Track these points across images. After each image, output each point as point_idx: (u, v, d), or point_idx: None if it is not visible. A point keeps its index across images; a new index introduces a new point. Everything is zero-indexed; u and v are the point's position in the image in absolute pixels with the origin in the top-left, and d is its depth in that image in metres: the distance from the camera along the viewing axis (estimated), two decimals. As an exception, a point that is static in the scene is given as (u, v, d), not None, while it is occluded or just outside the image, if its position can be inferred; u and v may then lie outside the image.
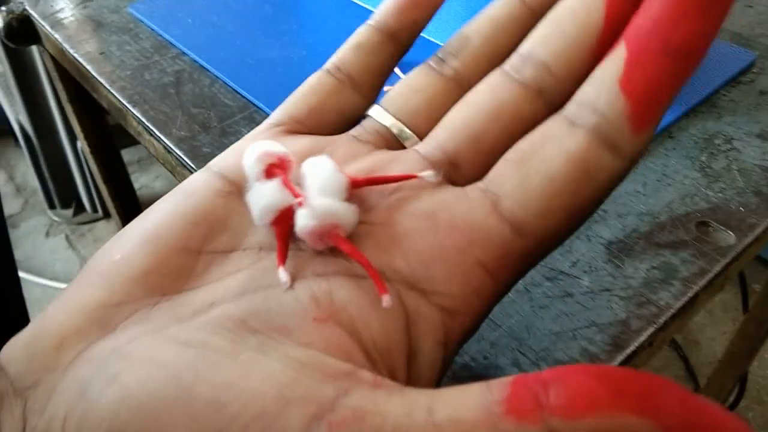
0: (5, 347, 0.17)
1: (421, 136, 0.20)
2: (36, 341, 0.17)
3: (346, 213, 0.17)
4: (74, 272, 1.32)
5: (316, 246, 0.17)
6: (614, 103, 0.16)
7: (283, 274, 0.17)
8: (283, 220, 0.17)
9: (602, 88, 0.16)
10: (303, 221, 0.17)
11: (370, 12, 0.52)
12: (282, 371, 0.14)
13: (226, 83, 0.46)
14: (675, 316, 0.30)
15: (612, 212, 0.35)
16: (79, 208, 1.44)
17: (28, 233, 1.42)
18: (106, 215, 1.42)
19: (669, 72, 0.16)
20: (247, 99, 0.44)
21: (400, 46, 0.22)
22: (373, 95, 0.22)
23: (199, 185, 0.19)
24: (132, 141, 1.40)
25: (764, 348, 1.12)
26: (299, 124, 0.21)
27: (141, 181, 1.50)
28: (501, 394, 0.13)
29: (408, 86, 0.21)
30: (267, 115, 0.43)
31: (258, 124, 0.42)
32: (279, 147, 0.18)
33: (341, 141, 0.20)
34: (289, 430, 0.13)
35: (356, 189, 0.18)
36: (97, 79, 0.48)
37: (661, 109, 0.16)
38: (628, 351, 0.28)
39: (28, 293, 0.77)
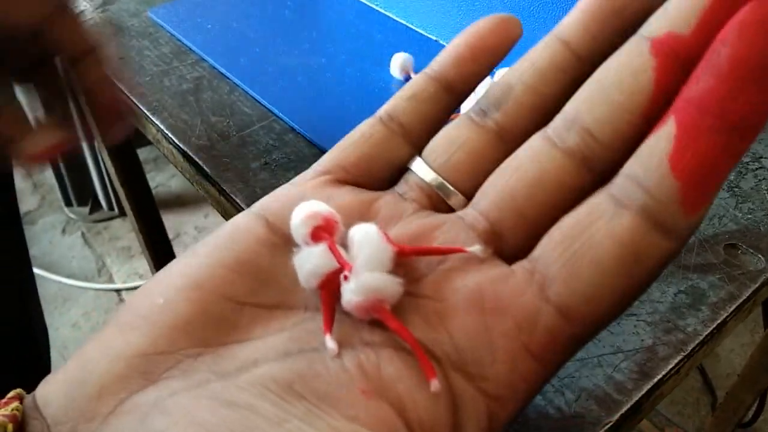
0: (41, 386, 0.17)
1: (464, 191, 0.20)
2: (75, 386, 0.16)
3: (392, 286, 0.17)
4: (90, 270, 1.33)
5: (363, 318, 0.17)
6: (664, 184, 0.15)
7: (330, 342, 0.16)
8: (330, 284, 0.17)
9: (651, 167, 0.16)
10: (348, 296, 0.16)
11: (390, 19, 0.52)
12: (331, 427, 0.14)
13: (245, 91, 0.46)
14: (703, 343, 0.29)
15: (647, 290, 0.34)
16: (96, 206, 1.45)
17: (45, 230, 1.42)
18: (122, 213, 1.43)
19: (723, 150, 0.15)
20: (267, 107, 0.44)
21: (455, 97, 0.21)
22: (422, 146, 0.21)
23: (242, 231, 0.18)
24: (148, 140, 1.40)
25: (783, 361, 1.11)
26: (346, 173, 0.20)
27: (157, 180, 1.50)
28: None
29: (449, 140, 0.20)
30: (286, 124, 0.42)
31: (277, 133, 0.42)
32: (325, 207, 0.18)
33: (386, 200, 0.20)
34: None
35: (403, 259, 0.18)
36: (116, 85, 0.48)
37: (714, 189, 0.15)
38: (655, 380, 0.28)
39: (44, 290, 0.77)
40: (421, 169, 0.20)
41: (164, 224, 0.84)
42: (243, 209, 0.27)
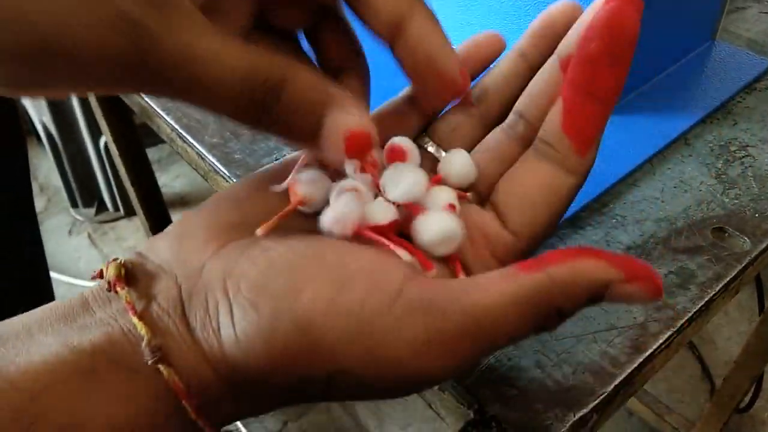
0: (145, 246, 0.23)
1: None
2: (182, 236, 0.23)
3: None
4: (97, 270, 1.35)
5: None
6: (561, 140, 0.24)
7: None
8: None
9: (552, 131, 0.24)
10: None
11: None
12: (377, 252, 0.22)
13: (254, 91, 0.48)
14: (691, 319, 0.31)
15: (630, 218, 0.36)
16: (101, 207, 1.47)
17: (51, 231, 1.44)
18: (128, 214, 1.45)
19: (593, 113, 0.23)
20: (275, 106, 0.46)
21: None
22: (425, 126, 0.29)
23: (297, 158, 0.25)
24: (153, 141, 1.42)
25: (780, 348, 1.13)
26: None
27: (162, 181, 1.52)
28: (515, 266, 0.21)
29: (449, 126, 0.28)
30: (295, 122, 0.45)
31: (286, 131, 0.44)
32: (406, 140, 0.26)
33: None
34: (393, 282, 0.21)
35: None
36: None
37: (596, 137, 0.24)
38: (647, 353, 0.30)
39: (53, 289, 0.79)
40: (429, 143, 0.28)
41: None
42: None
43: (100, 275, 0.22)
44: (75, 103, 1.27)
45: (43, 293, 0.70)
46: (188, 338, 0.20)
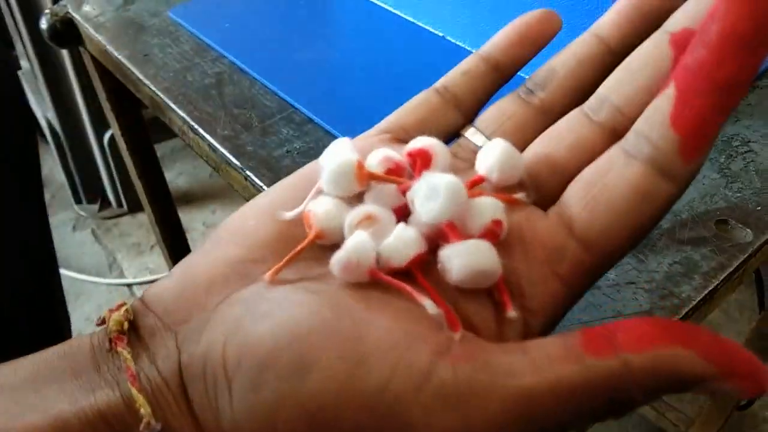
0: (149, 291, 0.21)
1: None
2: (184, 285, 0.20)
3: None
4: (101, 265, 1.36)
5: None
6: (666, 136, 0.19)
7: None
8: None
9: (655, 124, 0.19)
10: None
11: (400, 17, 0.54)
12: (403, 316, 0.18)
13: (264, 85, 0.48)
14: (696, 308, 0.32)
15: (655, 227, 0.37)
16: (105, 203, 1.47)
17: (55, 227, 1.45)
18: (131, 210, 1.45)
19: (714, 107, 0.18)
20: (286, 100, 0.47)
21: (501, 75, 0.25)
22: (472, 116, 0.25)
23: (317, 172, 0.22)
24: (156, 138, 1.43)
25: (780, 347, 1.13)
26: (405, 133, 0.24)
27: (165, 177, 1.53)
28: (577, 340, 0.17)
29: (500, 112, 0.24)
30: (305, 115, 0.45)
31: (297, 124, 0.45)
32: (397, 155, 0.22)
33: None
34: (418, 361, 0.17)
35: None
36: (141, 80, 0.51)
37: (708, 141, 0.19)
38: (652, 339, 0.30)
39: (62, 283, 0.80)
40: (474, 135, 0.24)
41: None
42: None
43: (104, 321, 0.20)
44: (79, 98, 1.27)
45: (52, 286, 0.71)
46: (188, 416, 0.18)
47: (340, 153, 0.21)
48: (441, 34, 0.52)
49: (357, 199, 0.21)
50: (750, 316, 1.20)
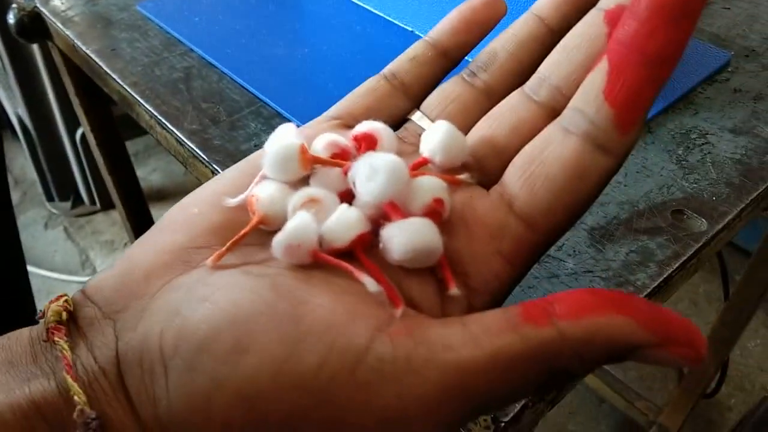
0: (90, 282, 0.20)
1: None
2: (124, 274, 0.20)
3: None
4: (74, 263, 1.35)
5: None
6: (600, 110, 0.19)
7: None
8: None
9: (590, 98, 0.19)
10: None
11: (369, 12, 0.55)
12: (346, 294, 0.18)
13: (233, 79, 0.49)
14: (651, 295, 0.33)
15: (595, 201, 0.38)
16: (77, 201, 1.46)
17: (26, 225, 1.43)
18: (104, 207, 1.44)
19: (646, 79, 0.18)
20: (254, 94, 0.47)
21: (449, 61, 0.25)
22: (419, 101, 0.25)
23: (260, 160, 0.22)
24: (130, 134, 1.42)
25: (746, 337, 1.16)
26: (353, 120, 0.24)
27: (138, 175, 1.51)
28: (516, 311, 0.17)
29: (444, 95, 0.24)
30: (273, 110, 0.46)
31: (265, 118, 0.45)
32: (343, 139, 0.22)
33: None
34: (357, 338, 0.17)
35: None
36: (109, 74, 0.51)
37: (642, 112, 0.19)
38: (608, 325, 0.31)
39: (29, 282, 0.79)
40: (420, 119, 0.24)
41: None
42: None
43: (44, 314, 0.20)
44: (51, 95, 1.26)
45: (20, 286, 0.70)
46: (125, 405, 0.18)
47: (283, 137, 0.21)
48: (410, 29, 0.52)
49: (302, 183, 0.21)
50: (717, 307, 1.23)
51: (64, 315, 0.19)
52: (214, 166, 0.41)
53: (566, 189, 0.19)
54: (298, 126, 0.23)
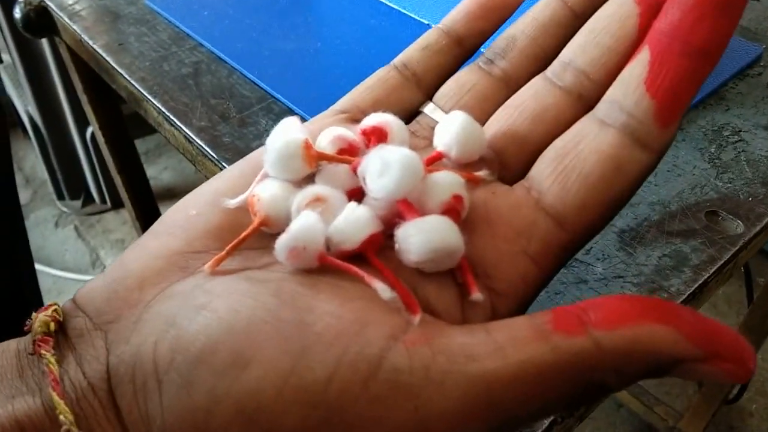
0: (81, 290, 0.19)
1: None
2: (116, 282, 0.18)
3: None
4: (84, 262, 1.34)
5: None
6: (640, 102, 0.18)
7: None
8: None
9: (629, 89, 0.18)
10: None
11: (383, 4, 0.53)
12: (356, 300, 0.17)
13: (243, 74, 0.47)
14: (686, 302, 0.31)
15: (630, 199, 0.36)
16: (88, 199, 1.45)
17: (37, 224, 1.43)
18: (115, 206, 1.43)
19: (689, 71, 0.17)
20: (265, 90, 0.45)
21: (464, 50, 0.23)
22: (432, 93, 0.23)
23: (262, 158, 0.20)
24: (141, 132, 1.41)
25: (768, 340, 1.13)
26: (362, 114, 0.22)
27: (149, 173, 1.50)
28: (546, 318, 0.16)
29: (458, 85, 0.22)
30: (284, 105, 0.44)
31: (276, 114, 0.43)
32: (350, 133, 0.20)
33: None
34: (370, 347, 0.15)
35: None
36: (116, 69, 0.49)
37: (683, 106, 0.18)
38: (641, 335, 0.29)
39: (38, 283, 0.78)
40: (433, 111, 0.22)
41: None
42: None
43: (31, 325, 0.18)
44: (61, 93, 1.25)
45: (28, 287, 0.69)
46: (116, 424, 0.16)
47: (286, 133, 0.20)
48: (426, 22, 0.50)
49: (307, 182, 0.20)
50: (738, 310, 1.20)
51: (53, 325, 0.17)
52: (223, 164, 0.40)
53: (602, 185, 0.18)
54: (304, 121, 0.22)
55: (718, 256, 0.33)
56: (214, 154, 0.40)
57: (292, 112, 0.43)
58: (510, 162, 0.20)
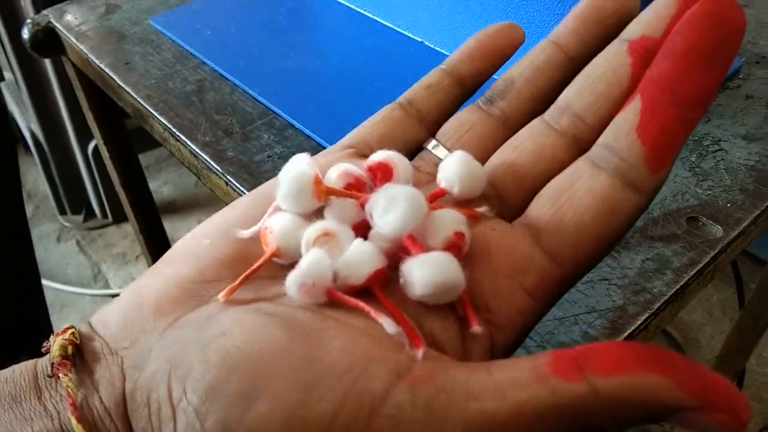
0: (96, 315, 0.20)
1: None
2: (132, 308, 0.19)
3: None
4: (86, 276, 1.35)
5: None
6: (633, 148, 0.19)
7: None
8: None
9: (621, 136, 0.19)
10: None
11: (380, 24, 0.55)
12: (363, 335, 0.18)
13: (245, 91, 0.49)
14: (668, 302, 0.33)
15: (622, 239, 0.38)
16: (89, 214, 1.47)
17: (39, 239, 1.44)
18: (116, 220, 1.45)
19: (679, 119, 0.18)
20: (266, 106, 0.47)
21: (465, 90, 0.25)
22: (435, 130, 0.25)
23: (274, 190, 0.22)
24: (141, 148, 1.42)
25: (763, 345, 1.15)
26: (368, 148, 0.23)
27: (150, 187, 1.52)
28: (546, 360, 0.16)
29: (460, 123, 0.24)
30: (286, 121, 0.46)
31: (277, 129, 0.45)
32: (357, 169, 0.21)
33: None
34: (375, 382, 0.16)
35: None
36: (123, 87, 0.51)
37: (674, 152, 0.19)
38: (625, 334, 0.31)
39: (45, 299, 0.80)
40: (436, 148, 0.24)
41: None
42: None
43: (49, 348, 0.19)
44: (63, 109, 1.27)
45: (36, 303, 0.71)
46: None
47: (296, 168, 0.21)
48: (420, 40, 0.52)
49: (316, 215, 0.21)
50: (732, 316, 1.22)
51: (70, 349, 0.18)
52: (227, 177, 0.42)
53: (596, 223, 0.19)
54: (312, 154, 0.23)
55: (698, 259, 0.35)
56: (218, 168, 0.42)
57: (292, 127, 0.45)
58: (509, 198, 0.22)
